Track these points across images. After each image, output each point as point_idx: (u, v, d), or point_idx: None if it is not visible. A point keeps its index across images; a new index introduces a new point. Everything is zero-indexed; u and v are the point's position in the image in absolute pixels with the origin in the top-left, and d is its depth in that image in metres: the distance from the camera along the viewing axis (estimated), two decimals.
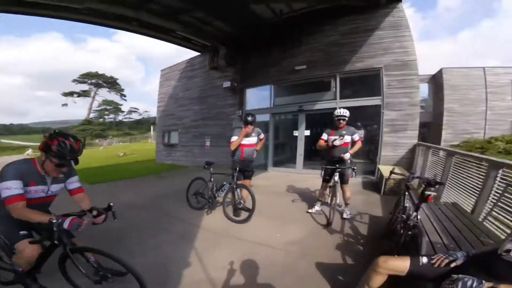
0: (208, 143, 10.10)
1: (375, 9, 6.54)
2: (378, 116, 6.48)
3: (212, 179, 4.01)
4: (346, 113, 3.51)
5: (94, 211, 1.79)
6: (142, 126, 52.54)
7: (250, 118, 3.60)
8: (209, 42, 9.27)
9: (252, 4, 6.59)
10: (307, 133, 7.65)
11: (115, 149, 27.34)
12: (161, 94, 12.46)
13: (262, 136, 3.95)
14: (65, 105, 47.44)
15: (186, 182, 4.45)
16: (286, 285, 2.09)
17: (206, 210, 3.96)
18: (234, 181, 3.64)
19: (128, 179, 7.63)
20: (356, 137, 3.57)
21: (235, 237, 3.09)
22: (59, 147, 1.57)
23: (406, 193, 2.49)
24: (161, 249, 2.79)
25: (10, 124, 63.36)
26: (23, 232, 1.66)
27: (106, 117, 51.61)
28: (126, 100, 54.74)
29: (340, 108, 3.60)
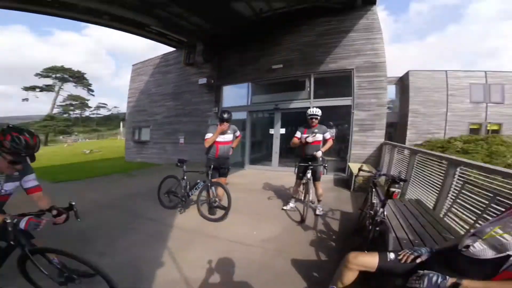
0: (182, 140, 9.79)
1: (350, 11, 6.75)
2: (348, 115, 6.73)
3: (185, 177, 3.86)
4: (318, 112, 3.60)
5: (54, 211, 1.66)
6: (111, 122, 50.02)
7: (226, 115, 3.52)
8: (185, 38, 8.96)
9: (233, 1, 6.46)
10: (283, 131, 7.74)
11: (81, 146, 25.99)
12: (132, 90, 11.93)
13: (238, 133, 3.89)
14: (25, 100, 43.21)
15: (158, 181, 4.26)
16: (263, 283, 2.07)
17: (179, 209, 3.82)
18: (209, 179, 3.54)
19: (95, 178, 7.15)
20: (327, 135, 3.68)
21: (211, 235, 3.02)
22: (13, 143, 1.47)
23: (374, 189, 2.58)
24: (131, 249, 2.66)
25: None
26: None
27: (71, 112, 48.12)
28: (94, 95, 52.29)
29: (313, 107, 3.67)
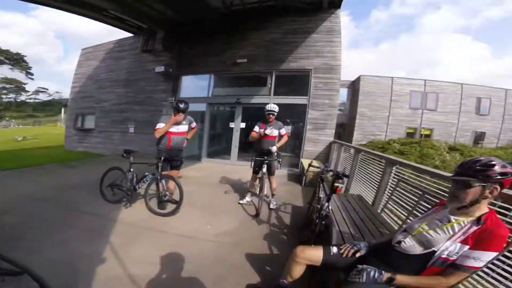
0: (132, 130, 9.05)
1: (316, 12, 7.00)
2: (304, 114, 7.08)
3: (131, 169, 3.53)
4: (276, 108, 3.66)
5: None
6: (52, 108, 45.88)
7: (182, 106, 3.34)
8: (146, 24, 8.27)
9: None
10: (243, 125, 7.71)
11: (13, 132, 22.77)
12: (78, 74, 10.79)
13: (194, 124, 3.72)
14: None
15: (101, 173, 3.82)
16: (216, 277, 2.02)
17: (124, 203, 3.50)
18: (159, 171, 3.31)
19: (27, 168, 6.10)
20: (283, 131, 3.78)
21: (159, 230, 2.85)
22: None
23: (321, 184, 2.72)
24: (68, 245, 2.39)
25: None
26: None
27: (4, 96, 42.93)
28: (33, 79, 48.15)
29: (271, 103, 3.72)
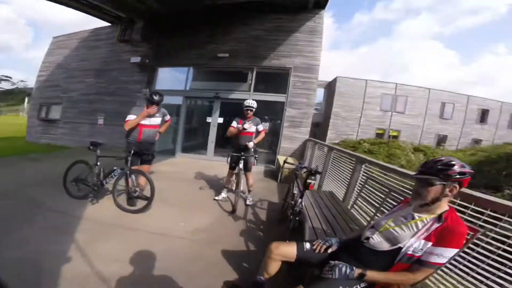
0: (101, 121, 8.51)
1: (301, 11, 7.05)
2: (281, 112, 7.19)
3: (98, 163, 3.31)
4: (254, 104, 3.65)
5: None
6: (15, 97, 43.40)
7: (156, 98, 3.20)
8: (125, 14, 7.77)
9: None
10: (221, 120, 7.61)
11: None
12: (46, 63, 9.99)
13: (167, 117, 3.59)
14: None
15: (65, 166, 3.53)
16: (190, 275, 1.96)
17: (90, 199, 3.28)
18: (128, 165, 3.14)
19: None
20: (260, 127, 3.79)
21: (128, 227, 2.71)
22: None
23: (295, 181, 2.77)
24: (29, 243, 2.20)
25: None
26: None
27: None
28: None
29: (250, 99, 3.70)
